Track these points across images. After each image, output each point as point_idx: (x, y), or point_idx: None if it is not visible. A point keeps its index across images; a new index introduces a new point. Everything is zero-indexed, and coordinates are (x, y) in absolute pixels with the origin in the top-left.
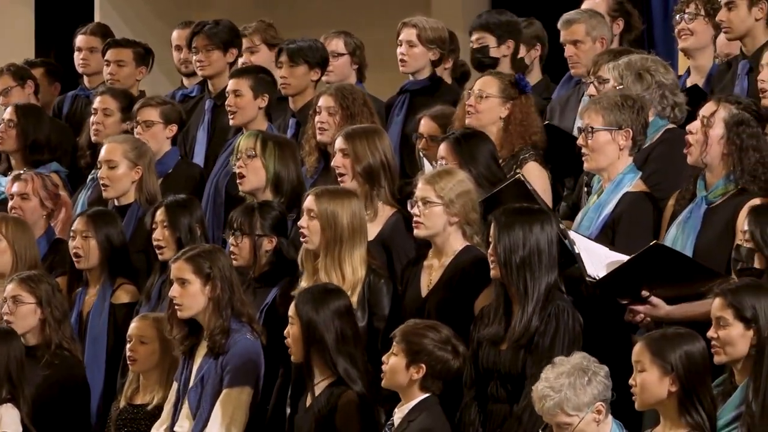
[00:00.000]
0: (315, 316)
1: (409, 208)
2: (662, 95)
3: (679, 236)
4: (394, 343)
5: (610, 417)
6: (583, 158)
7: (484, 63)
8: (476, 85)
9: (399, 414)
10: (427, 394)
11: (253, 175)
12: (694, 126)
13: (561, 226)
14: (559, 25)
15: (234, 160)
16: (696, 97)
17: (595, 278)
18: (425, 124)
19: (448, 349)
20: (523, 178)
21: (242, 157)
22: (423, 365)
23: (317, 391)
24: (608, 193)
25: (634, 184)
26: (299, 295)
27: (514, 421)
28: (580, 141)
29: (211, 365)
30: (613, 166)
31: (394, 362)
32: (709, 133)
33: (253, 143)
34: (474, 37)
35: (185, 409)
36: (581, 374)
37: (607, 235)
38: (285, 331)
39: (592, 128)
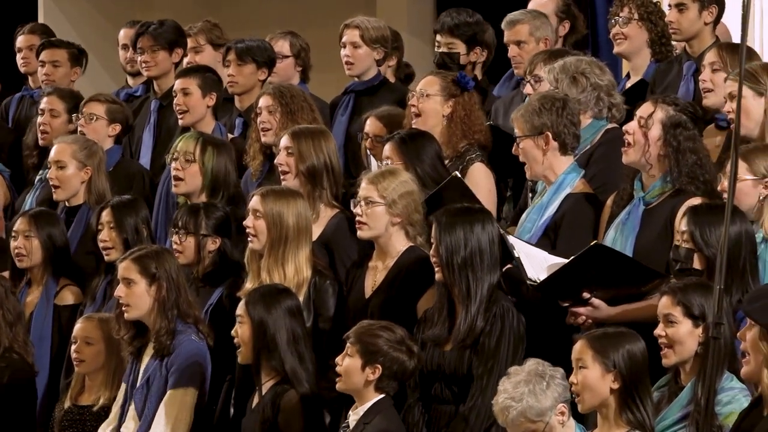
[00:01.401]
0: (266, 316)
1: (352, 208)
2: (598, 97)
3: (618, 237)
4: (348, 345)
5: (570, 416)
6: (524, 168)
7: (451, 69)
8: (419, 84)
9: (354, 416)
10: (382, 395)
11: (190, 179)
12: (631, 126)
13: (501, 230)
14: (503, 26)
15: (170, 159)
16: (642, 93)
17: (536, 281)
18: (371, 124)
19: (402, 350)
20: (459, 176)
21: (180, 160)
22: (379, 366)
23: (263, 391)
24: (550, 194)
25: (575, 185)
26: (249, 294)
27: (461, 421)
28: (514, 151)
29: (157, 366)
30: (549, 169)
31: (349, 364)
32: (648, 135)
33: (192, 147)
34: (443, 39)
35: (131, 411)
36: (539, 380)
37: (549, 237)
38: (233, 331)
39: (518, 137)
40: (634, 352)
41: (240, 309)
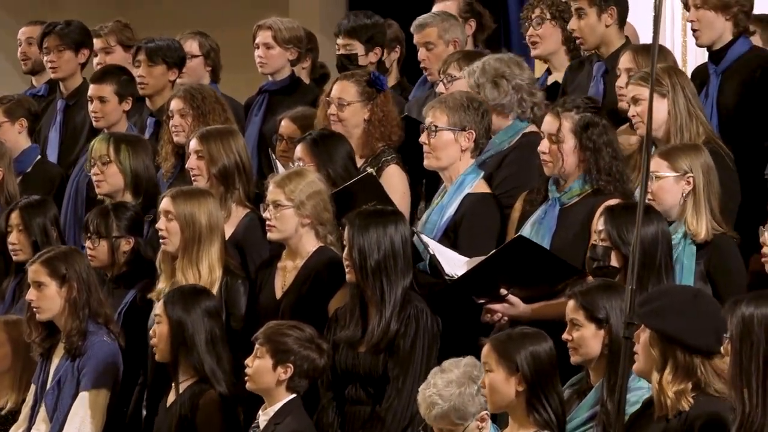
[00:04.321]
0: (185, 316)
1: (261, 212)
2: (521, 99)
3: (534, 236)
4: (257, 346)
5: (489, 423)
6: (425, 155)
7: (350, 69)
8: (334, 91)
9: (264, 417)
10: (292, 395)
11: (111, 179)
12: (545, 146)
13: (415, 230)
14: (412, 29)
15: (88, 166)
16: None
17: (453, 276)
18: (285, 126)
19: (312, 348)
20: (373, 173)
21: (97, 164)
22: (290, 365)
23: (180, 390)
24: (450, 195)
25: (475, 185)
26: (168, 294)
27: (377, 422)
28: (422, 138)
29: (68, 367)
30: (454, 166)
31: (259, 364)
32: (562, 149)
33: (105, 149)
34: (341, 41)
35: (42, 412)
36: (471, 383)
37: (449, 238)
38: (151, 331)
39: (436, 126)
40: (539, 353)
41: (158, 309)
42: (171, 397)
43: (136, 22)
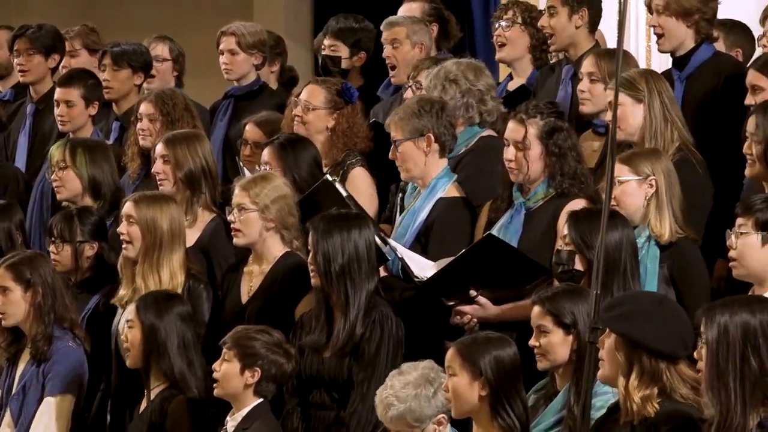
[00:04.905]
0: (158, 321)
1: (227, 216)
2: (467, 104)
3: None
4: (224, 350)
5: (449, 426)
6: (399, 170)
7: (333, 73)
8: (303, 93)
9: (232, 422)
10: (260, 400)
11: (69, 184)
12: (510, 153)
13: (382, 233)
14: (382, 27)
15: (48, 173)
16: (523, 99)
17: (423, 278)
18: (250, 131)
19: (280, 352)
20: (330, 179)
21: (55, 169)
22: (257, 369)
23: (152, 396)
24: (423, 199)
25: (448, 189)
26: (141, 299)
27: (342, 427)
28: (390, 155)
29: (33, 372)
30: (425, 172)
31: (227, 368)
32: (528, 156)
33: (62, 154)
34: (327, 42)
35: (7, 417)
36: (428, 386)
37: (420, 242)
38: (123, 336)
39: (396, 141)
40: (503, 358)
41: (131, 314)
42: (143, 404)
43: (100, 27)
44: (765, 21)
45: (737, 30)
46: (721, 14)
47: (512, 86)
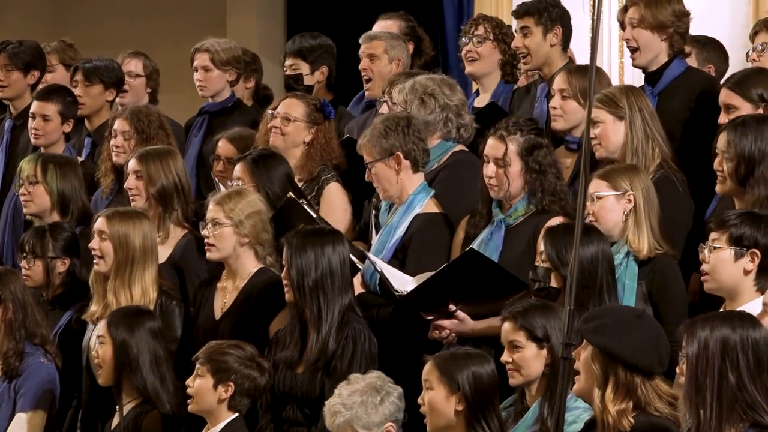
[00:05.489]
0: (129, 337)
1: (201, 230)
2: (446, 118)
3: None
4: (197, 366)
5: None
6: (377, 191)
7: (297, 91)
8: (281, 107)
9: None
10: (234, 415)
11: (38, 199)
12: (491, 170)
13: (360, 248)
14: (361, 39)
15: (17, 187)
16: (494, 115)
17: (403, 292)
18: (222, 146)
19: (253, 366)
20: (293, 197)
21: (24, 184)
22: (231, 384)
23: (124, 412)
24: (400, 215)
25: (425, 204)
26: (111, 315)
27: None
28: (366, 177)
29: (5, 388)
30: (400, 189)
31: (200, 384)
32: (509, 173)
33: (33, 169)
34: (287, 62)
35: None
36: (374, 393)
37: (398, 258)
38: (94, 352)
39: (367, 164)
40: (480, 374)
41: (102, 330)
42: (116, 420)
43: (77, 42)
44: (755, 36)
45: (710, 46)
46: (693, 31)
47: (478, 102)
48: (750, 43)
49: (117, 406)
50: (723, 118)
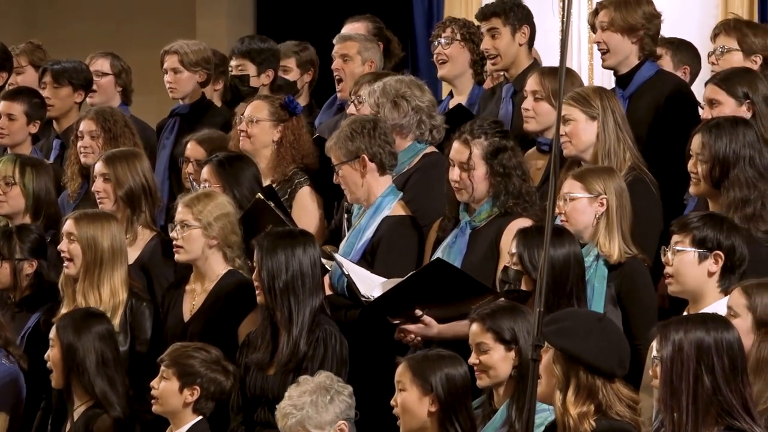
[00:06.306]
0: (76, 340)
1: (169, 232)
2: (420, 120)
3: (446, 260)
4: (162, 368)
5: None
6: (345, 193)
7: (242, 92)
8: (246, 111)
9: None
10: (199, 418)
11: (12, 201)
12: (456, 174)
13: (329, 251)
14: (334, 40)
15: None
16: (461, 117)
17: (370, 298)
18: (191, 148)
19: (219, 369)
20: (261, 199)
21: (0, 184)
22: (197, 387)
23: (76, 416)
24: (368, 217)
25: (393, 207)
26: (60, 319)
27: None
28: (334, 180)
29: None
30: (367, 192)
31: (165, 387)
32: (473, 176)
33: (11, 170)
34: (234, 63)
35: None
36: (324, 393)
37: (366, 261)
38: (45, 355)
39: (334, 166)
40: (453, 376)
41: (52, 333)
42: (69, 423)
43: (48, 44)
44: (715, 38)
45: (684, 48)
46: (664, 32)
47: (453, 103)
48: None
49: (68, 409)
50: (706, 113)
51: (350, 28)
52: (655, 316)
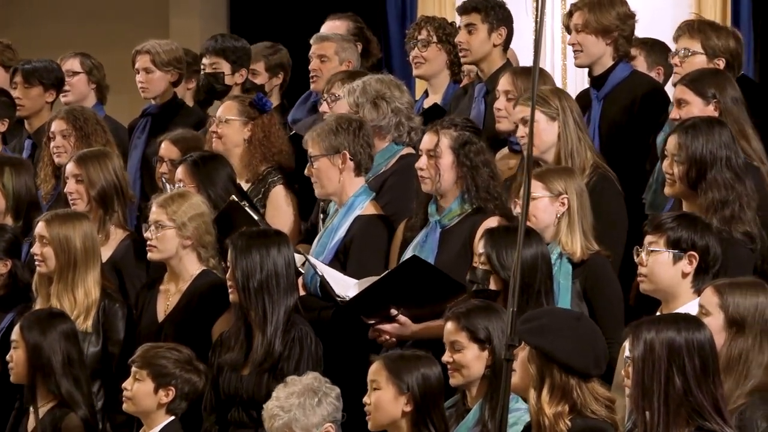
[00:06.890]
0: (41, 340)
1: (143, 232)
2: (399, 122)
3: None
4: (134, 368)
5: None
6: (313, 186)
7: (216, 90)
8: (219, 111)
9: None
10: (171, 418)
11: None
12: (422, 162)
13: (301, 251)
14: (312, 40)
15: None
16: (437, 116)
17: (345, 298)
18: (165, 148)
19: (191, 369)
20: (235, 200)
21: None
22: (172, 388)
23: (41, 414)
24: (340, 217)
25: (365, 206)
26: (24, 319)
27: None
28: (306, 171)
29: None
30: (341, 189)
31: (139, 387)
32: (440, 164)
33: None
34: (207, 61)
35: None
36: (312, 395)
37: (339, 260)
38: (8, 356)
39: (312, 157)
40: (429, 376)
41: (15, 333)
42: (31, 422)
43: (16, 45)
44: (678, 39)
45: (658, 49)
46: (638, 33)
47: (427, 103)
48: None
49: (31, 408)
50: (675, 114)
51: (331, 26)
52: (621, 310)
